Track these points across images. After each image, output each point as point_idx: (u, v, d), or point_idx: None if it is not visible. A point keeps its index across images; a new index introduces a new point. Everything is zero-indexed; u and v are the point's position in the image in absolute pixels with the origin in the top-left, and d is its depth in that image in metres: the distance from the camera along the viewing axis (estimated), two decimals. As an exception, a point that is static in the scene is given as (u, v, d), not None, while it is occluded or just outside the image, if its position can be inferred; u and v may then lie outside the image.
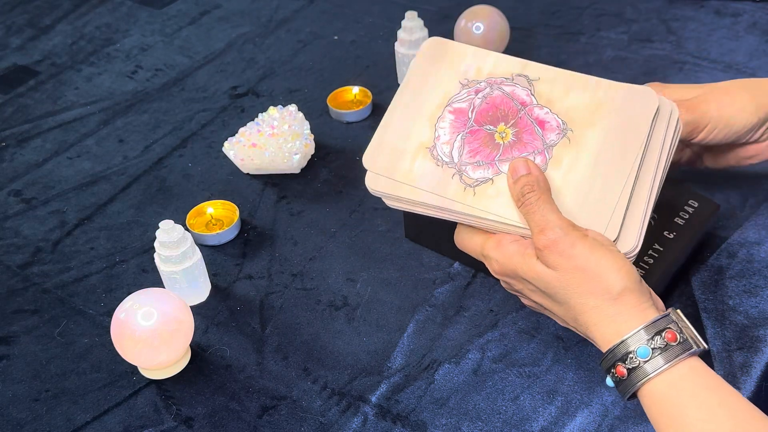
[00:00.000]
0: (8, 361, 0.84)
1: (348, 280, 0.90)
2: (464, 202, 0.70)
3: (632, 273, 0.62)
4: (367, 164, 0.74)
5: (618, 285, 0.61)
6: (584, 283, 0.62)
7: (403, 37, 1.14)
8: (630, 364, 0.60)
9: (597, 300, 0.62)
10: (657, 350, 0.60)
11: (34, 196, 1.06)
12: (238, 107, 1.19)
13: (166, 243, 0.84)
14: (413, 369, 0.80)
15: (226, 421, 0.76)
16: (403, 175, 0.73)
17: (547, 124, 0.71)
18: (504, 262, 0.68)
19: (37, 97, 1.25)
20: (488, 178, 0.70)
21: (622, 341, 0.61)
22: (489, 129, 0.72)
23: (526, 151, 0.71)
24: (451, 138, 0.73)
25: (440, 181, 0.71)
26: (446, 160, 0.73)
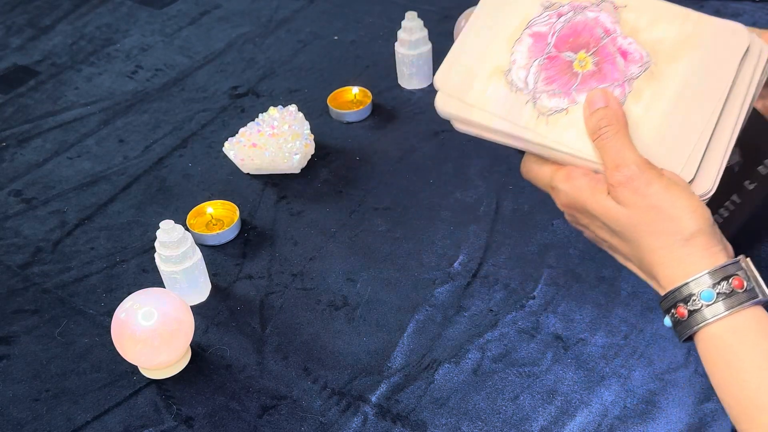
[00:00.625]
0: (9, 360, 0.84)
1: (348, 280, 0.90)
2: (536, 131, 0.67)
3: (706, 215, 0.61)
4: (438, 84, 0.70)
5: (691, 226, 0.60)
6: (656, 223, 0.61)
7: (403, 37, 1.14)
8: (692, 306, 0.59)
9: (668, 240, 0.61)
10: (721, 295, 0.58)
11: (34, 196, 1.06)
12: (238, 107, 1.19)
13: (166, 243, 0.84)
14: (413, 369, 0.80)
15: (227, 421, 0.77)
16: (475, 97, 0.69)
17: (629, 55, 0.68)
18: (573, 195, 0.65)
19: (37, 97, 1.25)
20: (563, 107, 0.67)
21: (687, 282, 0.59)
22: (568, 56, 0.69)
23: (606, 83, 0.67)
24: (528, 63, 0.69)
25: (513, 107, 0.68)
26: (521, 86, 0.69)
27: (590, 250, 0.90)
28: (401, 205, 0.99)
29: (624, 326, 0.82)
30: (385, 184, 1.02)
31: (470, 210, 0.97)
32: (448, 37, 1.25)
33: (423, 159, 1.06)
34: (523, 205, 0.97)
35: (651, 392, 0.76)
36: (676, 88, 0.66)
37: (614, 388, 0.76)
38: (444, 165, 1.04)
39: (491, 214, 0.96)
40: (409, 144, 1.08)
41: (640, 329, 0.81)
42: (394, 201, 1.00)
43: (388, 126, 1.12)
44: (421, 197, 1.00)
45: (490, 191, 1.00)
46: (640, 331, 0.81)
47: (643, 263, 0.64)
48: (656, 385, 0.76)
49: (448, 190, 1.00)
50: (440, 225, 0.96)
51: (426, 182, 1.02)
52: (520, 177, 1.00)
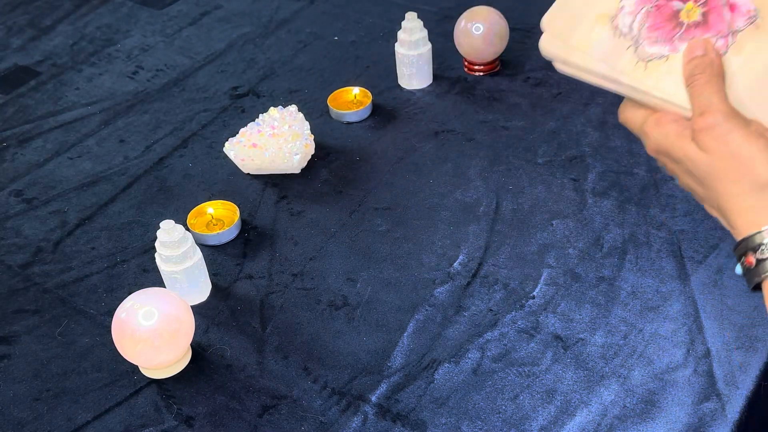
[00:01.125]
0: (9, 360, 0.84)
1: (348, 280, 0.90)
2: (633, 75, 0.68)
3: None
4: (545, 24, 0.71)
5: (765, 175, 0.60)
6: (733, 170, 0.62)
7: (403, 37, 1.15)
8: (760, 255, 0.60)
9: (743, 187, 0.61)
10: None
11: (35, 196, 1.06)
12: (238, 107, 1.19)
13: (166, 243, 0.84)
14: (413, 369, 0.80)
15: (227, 421, 0.77)
16: (579, 40, 0.70)
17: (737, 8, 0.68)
18: (660, 140, 0.67)
19: (38, 98, 1.25)
20: (664, 54, 0.68)
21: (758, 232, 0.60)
22: (677, 5, 0.69)
23: (709, 33, 0.68)
24: (636, 9, 0.70)
25: (614, 51, 0.69)
26: (625, 31, 0.70)
27: (590, 250, 0.91)
28: (401, 205, 0.99)
29: (623, 326, 0.82)
30: (385, 184, 1.03)
31: (470, 210, 0.97)
32: (448, 38, 1.26)
33: (423, 159, 1.06)
34: (523, 205, 0.97)
35: (650, 392, 0.76)
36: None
37: (614, 387, 0.77)
38: (444, 165, 1.04)
39: (491, 214, 0.96)
40: (409, 144, 1.09)
41: (639, 329, 0.82)
42: (394, 201, 1.00)
43: (388, 126, 1.12)
44: (421, 197, 1.00)
45: (490, 191, 1.00)
46: (640, 331, 0.81)
47: (722, 210, 0.64)
48: (656, 384, 0.77)
49: (448, 190, 1.00)
50: (440, 225, 0.96)
51: (426, 182, 1.02)
52: (520, 177, 1.01)
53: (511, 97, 1.15)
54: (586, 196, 0.97)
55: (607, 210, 0.95)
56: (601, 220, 0.94)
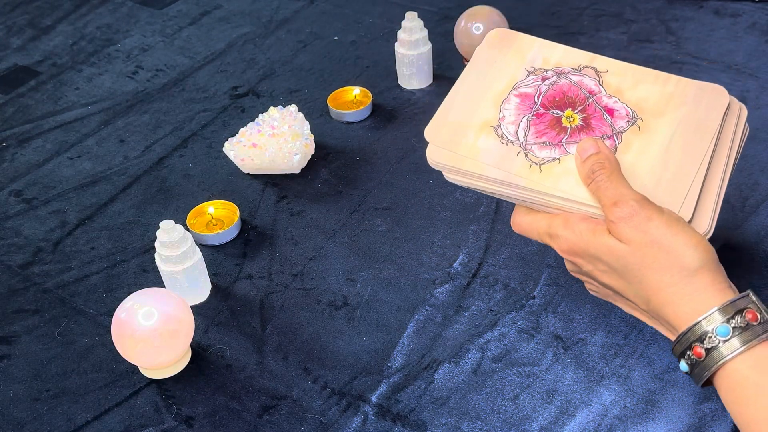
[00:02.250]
0: (9, 360, 0.84)
1: (348, 280, 0.90)
2: (531, 178, 0.67)
3: (710, 251, 0.59)
4: (429, 137, 0.71)
5: (696, 261, 0.58)
6: (660, 259, 0.59)
7: (403, 37, 1.15)
8: (708, 344, 0.57)
9: (673, 277, 0.59)
10: (737, 329, 0.56)
11: (34, 196, 1.06)
12: (238, 107, 1.19)
13: (166, 243, 0.84)
14: (413, 369, 0.80)
15: (227, 421, 0.77)
16: (467, 149, 0.70)
17: (616, 112, 0.70)
18: (574, 240, 0.65)
19: (37, 98, 1.25)
20: (555, 157, 0.68)
21: (700, 320, 0.57)
22: (556, 113, 0.70)
23: (595, 135, 0.69)
24: (517, 119, 0.71)
25: (505, 157, 0.69)
26: (511, 139, 0.70)
27: (590, 250, 0.90)
28: (401, 205, 0.99)
29: (624, 326, 0.82)
30: (385, 184, 1.03)
31: (470, 210, 0.97)
32: (448, 37, 1.26)
33: (423, 159, 1.05)
34: (523, 205, 0.97)
35: (651, 392, 0.76)
36: (664, 138, 0.68)
37: (614, 387, 0.77)
38: (444, 165, 1.04)
39: (491, 214, 0.96)
40: (409, 144, 1.09)
41: (639, 329, 0.82)
42: (394, 201, 1.00)
43: (388, 126, 1.12)
44: (421, 197, 1.00)
45: (490, 191, 1.00)
46: (640, 331, 0.81)
47: (650, 304, 0.62)
48: (656, 384, 0.76)
49: (448, 190, 1.00)
50: (440, 225, 0.96)
51: (426, 182, 1.02)
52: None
53: (511, 97, 1.15)
54: (586, 196, 0.97)
55: (607, 210, 0.95)
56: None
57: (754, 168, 0.97)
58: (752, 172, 0.97)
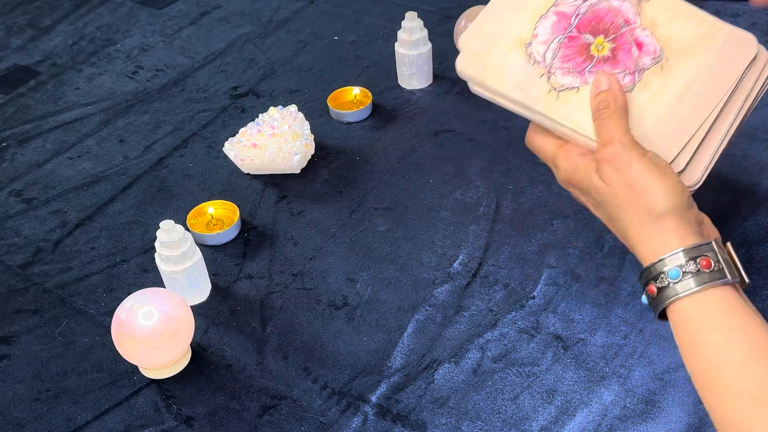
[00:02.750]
0: (9, 360, 0.84)
1: (348, 280, 0.90)
2: (546, 104, 0.70)
3: (680, 198, 0.63)
4: (462, 44, 0.75)
5: (661, 207, 0.62)
6: (633, 201, 0.64)
7: (403, 37, 1.14)
8: (660, 284, 0.62)
9: (641, 218, 0.63)
10: (688, 274, 0.60)
11: (34, 196, 1.06)
12: (238, 107, 1.19)
13: (166, 243, 0.84)
14: (413, 369, 0.80)
15: (227, 421, 0.77)
16: (495, 63, 0.73)
17: (644, 47, 0.72)
18: (570, 173, 0.69)
19: (37, 98, 1.25)
20: (575, 86, 0.70)
21: (657, 261, 0.62)
22: (587, 39, 0.72)
23: (618, 69, 0.71)
24: (549, 39, 0.73)
25: (528, 78, 0.72)
26: (538, 60, 0.73)
27: (590, 250, 0.90)
28: (401, 205, 0.99)
29: (624, 326, 0.82)
30: (385, 184, 1.03)
31: (470, 210, 0.97)
32: (448, 38, 1.26)
33: (423, 159, 1.06)
34: (523, 205, 0.97)
35: (651, 392, 0.76)
36: (682, 84, 0.70)
37: (614, 387, 0.77)
38: (444, 165, 1.04)
39: (491, 214, 0.96)
40: (409, 144, 1.09)
41: (639, 329, 0.82)
42: (394, 201, 1.00)
43: (388, 126, 1.12)
44: (421, 197, 1.00)
45: (490, 191, 1.00)
46: (640, 331, 0.81)
47: (626, 240, 0.67)
48: (656, 384, 0.76)
49: (448, 190, 1.00)
50: (440, 225, 0.96)
51: (426, 182, 1.02)
52: (520, 177, 1.01)
53: (511, 97, 1.15)
54: (586, 196, 0.97)
55: (607, 210, 0.95)
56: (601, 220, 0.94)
57: (754, 168, 0.97)
58: (752, 172, 0.97)
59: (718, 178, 0.96)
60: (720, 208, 0.92)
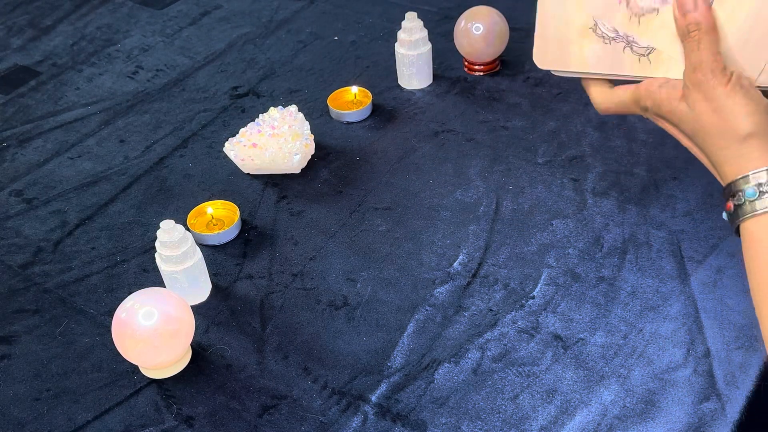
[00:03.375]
0: (9, 360, 0.85)
1: (348, 280, 0.90)
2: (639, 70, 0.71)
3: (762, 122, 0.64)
4: (538, 62, 0.76)
5: (746, 128, 0.64)
6: (718, 126, 0.65)
7: (403, 37, 1.15)
8: (736, 201, 0.63)
9: (727, 141, 0.65)
10: (764, 194, 0.62)
11: (35, 196, 1.06)
12: (238, 107, 1.19)
13: (166, 243, 0.84)
14: (413, 368, 0.80)
15: (227, 421, 0.77)
16: (577, 62, 0.74)
17: None
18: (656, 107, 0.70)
19: (38, 98, 1.25)
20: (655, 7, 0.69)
21: (738, 179, 0.64)
22: None
23: None
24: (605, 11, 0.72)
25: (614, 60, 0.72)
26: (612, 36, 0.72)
27: (590, 250, 0.91)
28: (401, 205, 0.99)
29: (623, 326, 0.82)
30: (385, 184, 1.03)
31: (470, 210, 0.97)
32: (448, 38, 1.26)
33: (423, 159, 1.06)
34: (523, 205, 0.97)
35: (650, 392, 0.76)
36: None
37: (613, 387, 0.77)
38: (444, 165, 1.04)
39: (491, 214, 0.96)
40: (409, 144, 1.09)
41: (639, 329, 0.82)
42: (394, 201, 1.00)
43: (388, 126, 1.12)
44: (421, 197, 1.00)
45: (490, 191, 1.00)
46: (640, 330, 0.81)
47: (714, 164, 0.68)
48: (655, 384, 0.77)
49: (448, 190, 1.00)
50: (440, 225, 0.96)
51: (426, 182, 1.02)
52: (520, 177, 1.01)
53: (511, 97, 1.15)
54: (586, 196, 0.97)
55: (607, 210, 0.95)
56: (601, 220, 0.94)
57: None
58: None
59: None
60: (720, 207, 0.92)
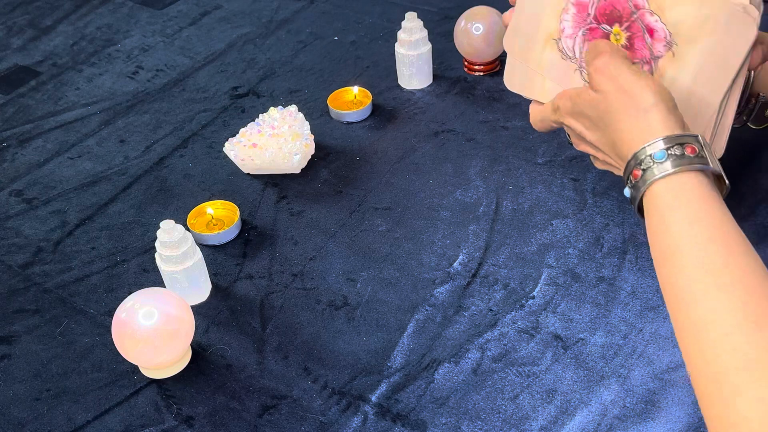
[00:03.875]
0: (9, 360, 0.85)
1: (348, 280, 0.90)
2: None
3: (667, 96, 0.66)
4: (506, 46, 0.82)
5: (649, 100, 0.65)
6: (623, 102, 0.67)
7: (403, 37, 1.15)
8: (644, 165, 0.64)
9: (630, 117, 0.66)
10: (672, 156, 0.62)
11: (35, 196, 1.06)
12: (238, 107, 1.19)
13: (166, 243, 0.84)
14: (413, 368, 0.80)
15: (227, 421, 0.77)
16: (535, 62, 0.81)
17: (656, 33, 0.74)
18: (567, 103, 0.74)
19: (38, 98, 1.25)
20: None
21: (645, 146, 0.64)
22: (605, 29, 0.76)
23: (636, 59, 0.75)
24: (573, 32, 0.78)
25: (565, 73, 0.79)
26: (570, 55, 0.79)
27: (590, 250, 0.91)
28: (401, 205, 0.99)
29: (623, 326, 0.82)
30: (385, 184, 1.03)
31: (470, 210, 0.97)
32: (448, 38, 1.26)
33: (423, 159, 1.06)
34: (523, 205, 0.97)
35: (650, 392, 0.76)
36: (693, 69, 0.73)
37: (614, 387, 0.77)
38: (444, 165, 1.04)
39: (491, 214, 0.96)
40: (409, 144, 1.09)
41: (639, 329, 0.82)
42: (394, 201, 1.00)
43: (388, 126, 1.12)
44: (421, 197, 1.00)
45: (490, 191, 1.00)
46: (640, 330, 0.81)
47: (615, 146, 0.70)
48: (656, 384, 0.77)
49: (448, 190, 1.00)
50: (440, 225, 0.96)
51: (426, 182, 1.02)
52: (520, 177, 1.01)
53: (511, 97, 1.15)
54: (586, 196, 0.97)
55: (607, 210, 0.95)
56: (601, 220, 0.94)
57: (753, 168, 0.97)
58: (752, 172, 0.97)
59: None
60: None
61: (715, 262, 0.58)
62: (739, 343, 0.54)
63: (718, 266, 0.58)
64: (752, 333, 0.54)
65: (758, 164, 0.98)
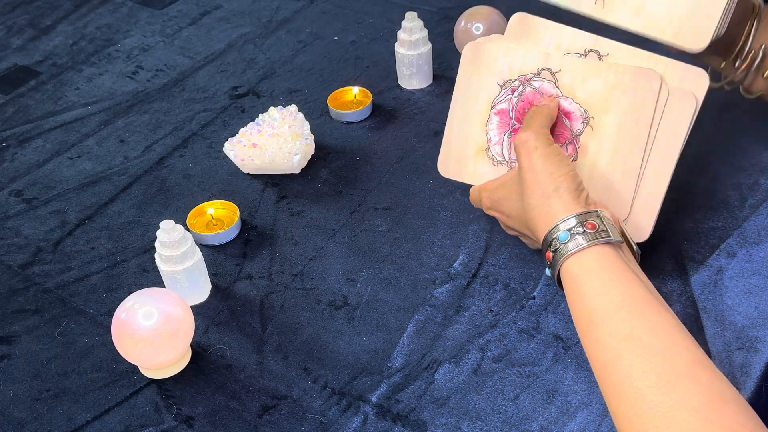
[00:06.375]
0: (9, 360, 0.84)
1: (348, 280, 0.90)
2: None
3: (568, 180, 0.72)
4: (441, 171, 0.90)
5: (551, 186, 0.72)
6: (531, 184, 0.73)
7: (403, 37, 1.15)
8: (553, 248, 0.70)
9: (536, 200, 0.73)
10: (576, 235, 0.68)
11: (35, 196, 1.06)
12: (238, 107, 1.19)
13: (166, 243, 0.84)
14: (413, 369, 0.80)
15: (227, 421, 0.77)
16: (469, 176, 0.88)
17: (572, 114, 0.79)
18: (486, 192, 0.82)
19: (38, 98, 1.25)
20: None
21: (551, 230, 0.70)
22: None
23: (560, 143, 0.80)
24: (500, 138, 0.84)
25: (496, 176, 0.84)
26: (500, 159, 0.85)
27: (590, 250, 0.90)
28: (401, 205, 0.99)
29: (624, 326, 0.82)
30: (385, 184, 1.03)
31: (470, 210, 0.97)
32: (448, 38, 1.26)
33: (423, 159, 1.06)
34: (523, 205, 0.97)
35: (651, 392, 0.76)
36: (612, 137, 0.78)
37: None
38: (444, 165, 1.04)
39: (491, 214, 0.96)
40: (409, 144, 1.09)
41: (639, 329, 0.82)
42: (394, 201, 1.00)
43: (388, 126, 1.12)
44: (421, 197, 1.00)
45: (490, 191, 1.00)
46: (640, 331, 0.81)
47: (529, 228, 0.75)
48: (656, 384, 0.76)
49: (448, 190, 1.00)
50: (440, 225, 0.96)
51: (426, 182, 1.02)
52: (520, 177, 1.01)
53: (511, 97, 1.15)
54: (586, 196, 0.97)
55: (607, 210, 0.95)
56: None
57: (754, 168, 0.97)
58: (752, 172, 0.97)
59: (717, 178, 0.96)
60: (720, 207, 0.92)
61: (625, 329, 0.62)
62: (656, 403, 0.57)
63: (627, 332, 0.62)
64: (667, 393, 0.57)
65: (758, 164, 0.98)
